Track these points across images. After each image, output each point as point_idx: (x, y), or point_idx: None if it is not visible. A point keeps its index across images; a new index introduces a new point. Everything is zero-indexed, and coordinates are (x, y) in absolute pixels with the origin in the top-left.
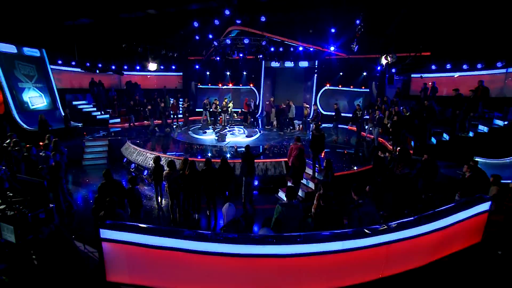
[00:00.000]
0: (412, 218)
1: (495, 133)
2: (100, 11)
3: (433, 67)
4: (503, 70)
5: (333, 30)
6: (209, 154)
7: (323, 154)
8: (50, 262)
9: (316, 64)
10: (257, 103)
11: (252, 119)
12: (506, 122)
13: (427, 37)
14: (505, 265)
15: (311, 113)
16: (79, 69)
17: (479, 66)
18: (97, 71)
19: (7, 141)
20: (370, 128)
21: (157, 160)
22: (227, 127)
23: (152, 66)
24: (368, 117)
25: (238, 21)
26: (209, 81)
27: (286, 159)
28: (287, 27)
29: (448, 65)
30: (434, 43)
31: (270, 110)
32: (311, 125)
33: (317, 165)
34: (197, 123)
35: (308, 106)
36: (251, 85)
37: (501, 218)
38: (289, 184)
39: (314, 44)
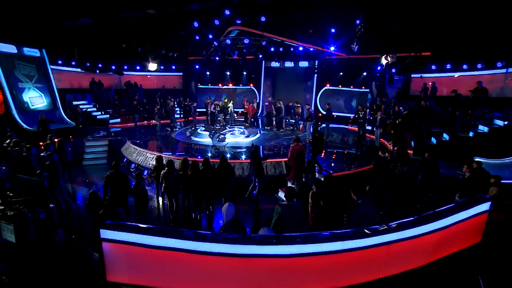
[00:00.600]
0: (412, 218)
1: (495, 133)
2: (100, 11)
3: (433, 67)
4: (503, 70)
5: (333, 30)
6: (209, 154)
7: (322, 154)
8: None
9: (316, 64)
10: (257, 101)
11: (252, 119)
12: (506, 122)
13: (427, 37)
14: (505, 265)
15: (304, 113)
16: (79, 69)
17: (479, 66)
18: (97, 71)
19: (7, 141)
20: (368, 128)
21: (159, 159)
22: (227, 127)
23: (152, 66)
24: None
25: (238, 21)
26: (209, 81)
27: (286, 159)
28: (287, 27)
29: (448, 65)
30: (434, 43)
31: (271, 109)
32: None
33: (316, 165)
34: (201, 123)
35: (299, 105)
36: (251, 85)
37: (501, 218)
38: (289, 184)
39: (314, 44)
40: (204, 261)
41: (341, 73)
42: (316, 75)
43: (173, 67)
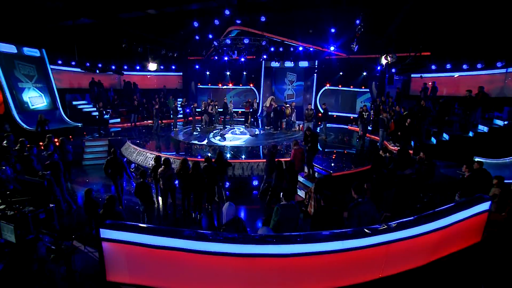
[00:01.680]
0: (412, 218)
1: (495, 133)
2: (100, 11)
3: (433, 67)
4: (503, 70)
5: (333, 30)
6: (209, 154)
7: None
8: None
9: (316, 64)
10: (257, 101)
11: (252, 119)
12: (506, 122)
13: (427, 37)
14: (505, 265)
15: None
16: (79, 69)
17: (479, 66)
18: (97, 71)
19: (5, 141)
20: (369, 128)
21: (157, 159)
22: (226, 127)
23: (152, 66)
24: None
25: (238, 21)
26: (209, 81)
27: (286, 160)
28: (287, 27)
29: (448, 65)
30: (434, 43)
31: (271, 109)
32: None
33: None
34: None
35: (288, 105)
36: (251, 85)
37: (501, 218)
38: None
39: (314, 44)
40: (204, 261)
41: (341, 73)
42: (316, 75)
43: (173, 67)
